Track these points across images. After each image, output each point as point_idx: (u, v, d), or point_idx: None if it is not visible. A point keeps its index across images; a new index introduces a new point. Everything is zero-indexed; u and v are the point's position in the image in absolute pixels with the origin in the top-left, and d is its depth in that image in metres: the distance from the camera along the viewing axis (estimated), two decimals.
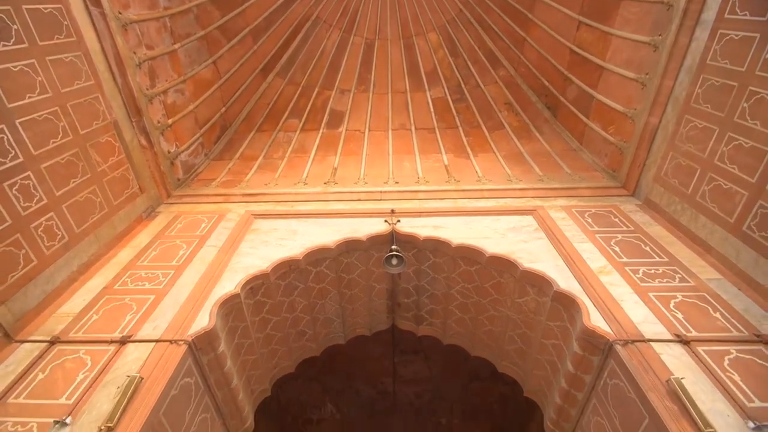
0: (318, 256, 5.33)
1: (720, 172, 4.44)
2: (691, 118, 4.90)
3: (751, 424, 2.79)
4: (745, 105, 4.16)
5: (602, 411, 3.76)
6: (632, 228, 5.12)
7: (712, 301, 3.89)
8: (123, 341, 3.84)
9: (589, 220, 5.35)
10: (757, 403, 2.95)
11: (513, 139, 7.78)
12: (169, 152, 6.65)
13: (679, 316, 3.75)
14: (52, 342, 3.87)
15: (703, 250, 4.58)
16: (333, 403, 13.22)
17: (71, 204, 4.81)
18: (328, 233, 5.55)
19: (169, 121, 6.58)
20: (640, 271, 4.34)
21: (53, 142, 4.60)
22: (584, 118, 7.05)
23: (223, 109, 8.00)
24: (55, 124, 4.62)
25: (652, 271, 4.33)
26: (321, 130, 8.42)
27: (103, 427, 3.00)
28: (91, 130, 5.14)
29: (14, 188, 4.06)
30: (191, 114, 7.17)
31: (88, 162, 5.08)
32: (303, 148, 8.18)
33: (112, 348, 3.78)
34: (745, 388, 3.06)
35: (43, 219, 4.40)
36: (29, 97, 4.29)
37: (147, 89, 6.04)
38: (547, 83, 7.82)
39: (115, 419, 3.02)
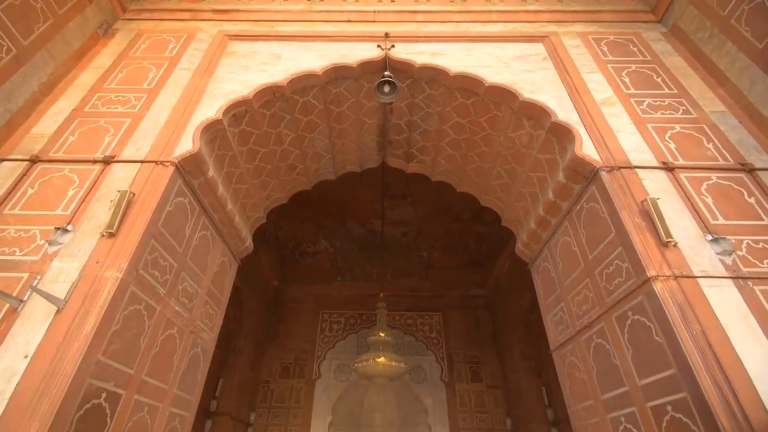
0: (304, 84, 4.90)
1: None
2: None
3: (709, 237, 3.06)
4: None
5: (571, 231, 4.09)
6: (649, 58, 4.67)
7: (708, 132, 3.82)
8: (107, 161, 3.77)
9: (605, 49, 4.83)
10: (721, 221, 3.18)
11: None
12: None
13: (672, 146, 3.72)
14: (33, 161, 3.78)
15: (716, 82, 4.29)
16: (326, 240, 14.58)
17: (6, 7, 4.06)
18: (314, 58, 4.98)
19: None
20: (645, 103, 4.13)
21: None
22: None
23: None
24: None
25: (657, 103, 4.12)
26: None
27: (104, 233, 3.18)
28: None
29: None
30: None
31: None
32: None
33: (97, 167, 3.73)
34: (714, 208, 3.26)
35: None
36: None
37: None
38: None
39: (115, 226, 3.17)
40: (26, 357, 2.57)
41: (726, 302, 2.74)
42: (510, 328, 11.15)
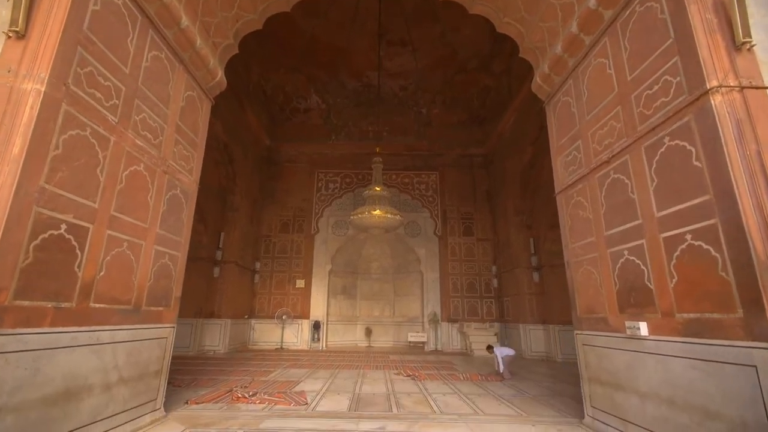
0: None
1: None
2: None
3: None
4: None
5: (610, 49, 3.33)
6: None
7: None
8: None
9: None
10: None
11: None
12: None
13: None
14: None
15: None
16: (318, 95, 13.35)
17: None
18: None
19: None
20: None
21: None
22: None
23: None
24: None
25: None
26: None
27: (10, 33, 2.42)
28: None
29: None
30: None
31: None
32: None
33: None
34: None
35: None
36: None
37: None
38: None
39: (20, 23, 2.39)
40: None
41: None
42: (506, 185, 11.10)
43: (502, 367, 6.20)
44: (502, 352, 6.36)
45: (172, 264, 3.82)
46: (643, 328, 2.83)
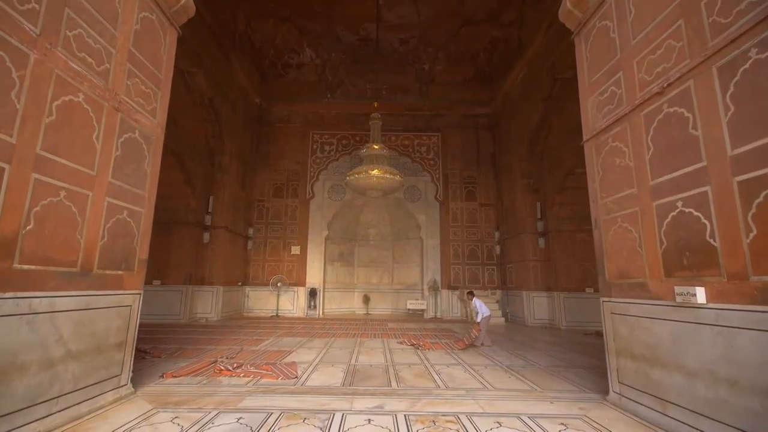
0: None
1: None
2: None
3: None
4: None
5: None
6: None
7: None
8: None
9: None
10: None
11: None
12: None
13: None
14: None
15: None
16: (312, 49, 12.30)
17: None
18: None
19: None
20: None
21: None
22: None
23: None
24: None
25: None
26: None
27: None
28: None
29: None
30: None
31: None
32: None
33: None
34: None
35: None
36: None
37: None
38: None
39: None
40: None
41: None
42: (513, 146, 10.40)
43: (479, 317, 5.90)
44: (482, 307, 6.03)
45: (133, 221, 3.24)
46: (700, 295, 2.31)
